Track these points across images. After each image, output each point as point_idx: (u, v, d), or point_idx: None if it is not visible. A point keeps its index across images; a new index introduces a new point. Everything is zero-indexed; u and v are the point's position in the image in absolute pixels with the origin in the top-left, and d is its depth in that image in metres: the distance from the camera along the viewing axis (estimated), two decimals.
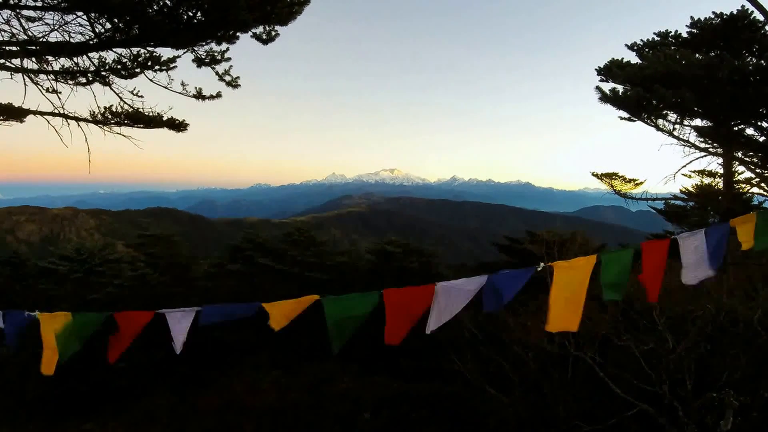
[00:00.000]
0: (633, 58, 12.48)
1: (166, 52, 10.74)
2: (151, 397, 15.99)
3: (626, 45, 13.60)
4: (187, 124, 12.17)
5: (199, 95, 11.68)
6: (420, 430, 12.55)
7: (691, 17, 13.48)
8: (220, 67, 11.13)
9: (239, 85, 11.60)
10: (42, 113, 11.01)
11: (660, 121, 12.65)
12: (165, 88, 11.15)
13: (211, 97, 11.75)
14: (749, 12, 12.41)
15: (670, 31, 13.42)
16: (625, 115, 12.60)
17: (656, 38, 13.47)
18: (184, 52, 10.61)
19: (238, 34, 10.00)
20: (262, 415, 13.42)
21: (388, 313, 4.07)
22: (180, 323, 3.93)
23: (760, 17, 11.26)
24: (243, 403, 14.04)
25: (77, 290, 20.12)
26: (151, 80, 11.02)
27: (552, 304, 4.50)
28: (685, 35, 13.29)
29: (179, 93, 11.44)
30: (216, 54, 10.76)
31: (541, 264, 4.37)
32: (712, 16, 13.03)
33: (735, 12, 12.71)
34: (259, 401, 14.08)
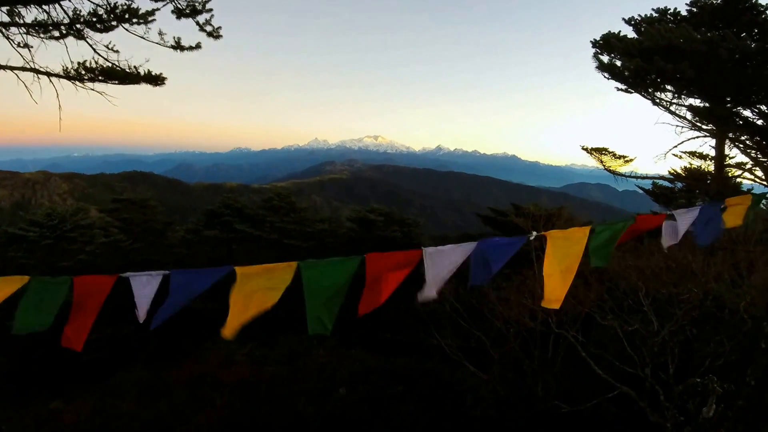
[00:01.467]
0: (630, 33, 12.32)
1: (144, 4, 10.38)
2: (121, 371, 15.83)
3: (623, 19, 13.41)
4: (164, 78, 11.82)
5: (177, 45, 11.33)
6: (396, 406, 12.52)
7: None
8: (201, 18, 10.80)
9: (221, 36, 11.28)
10: (12, 68, 10.60)
11: (658, 95, 12.54)
12: (141, 38, 10.79)
13: (191, 48, 11.42)
14: None
15: (669, 8, 13.24)
16: (622, 86, 12.47)
17: (654, 14, 13.30)
18: (164, 4, 10.26)
19: None
20: (235, 389, 13.34)
21: (368, 280, 3.86)
22: (145, 288, 3.68)
23: (763, 0, 11.09)
24: (216, 376, 13.94)
25: (47, 258, 19.80)
26: (126, 30, 10.66)
27: (547, 278, 4.30)
28: (684, 13, 13.12)
29: (157, 44, 11.08)
30: (197, 4, 10.41)
31: (534, 233, 4.18)
32: None
33: None
34: (232, 375, 14.00)
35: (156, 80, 11.86)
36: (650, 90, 12.26)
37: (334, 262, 3.76)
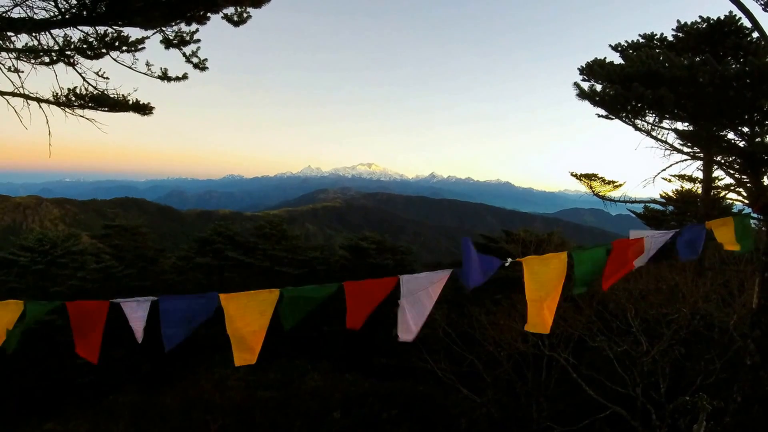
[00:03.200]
0: (617, 59, 12.61)
1: (134, 33, 10.56)
2: (115, 394, 15.78)
3: (610, 45, 13.73)
4: (152, 108, 12.04)
5: (164, 76, 11.53)
6: (391, 429, 12.56)
7: (678, 21, 13.65)
8: (188, 49, 10.99)
9: (207, 68, 11.44)
10: (2, 93, 10.75)
11: (638, 121, 12.79)
12: (129, 68, 10.95)
13: (177, 78, 11.61)
14: (736, 18, 12.58)
15: (656, 34, 13.58)
16: (603, 112, 12.72)
17: (641, 40, 13.62)
18: (153, 33, 10.44)
19: (208, 14, 9.86)
20: (228, 413, 13.33)
21: (348, 303, 4.08)
22: (136, 312, 3.88)
23: (748, 23, 11.41)
24: (210, 400, 13.93)
25: (38, 282, 19.82)
26: (115, 60, 10.82)
27: (530, 303, 4.47)
28: (670, 38, 13.45)
29: (144, 74, 11.27)
30: (185, 35, 10.58)
31: (510, 259, 4.34)
32: (699, 21, 13.21)
33: (722, 17, 12.89)
34: (225, 399, 14.00)
35: (144, 109, 12.07)
36: (630, 116, 12.51)
37: (313, 288, 4.01)
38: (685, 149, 13.57)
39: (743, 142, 12.25)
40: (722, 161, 13.07)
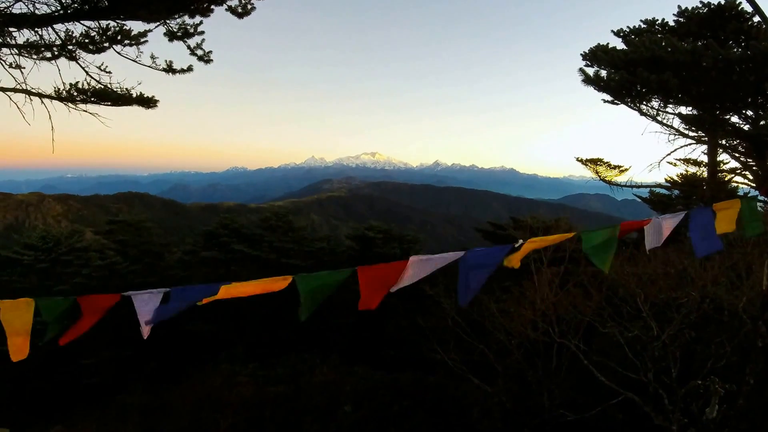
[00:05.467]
0: (619, 45, 12.63)
1: (136, 26, 10.56)
2: (123, 395, 15.88)
3: (612, 31, 13.77)
4: (156, 101, 12.07)
5: (169, 69, 11.54)
6: (403, 421, 12.62)
7: (679, 6, 13.66)
8: (192, 41, 10.99)
9: (211, 60, 11.44)
10: (4, 89, 10.78)
11: (643, 106, 12.81)
12: (134, 61, 10.98)
13: (182, 71, 11.62)
14: (737, 2, 12.58)
15: (657, 20, 13.60)
16: (609, 98, 12.75)
17: (643, 25, 13.63)
18: (157, 26, 10.44)
19: (212, 6, 9.86)
20: (238, 410, 13.39)
21: (361, 285, 4.14)
22: (147, 305, 3.88)
23: (748, 7, 11.39)
24: (218, 398, 13.98)
25: (42, 281, 19.93)
26: (119, 53, 10.84)
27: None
28: (672, 24, 13.46)
29: (148, 67, 11.29)
30: (189, 27, 10.58)
31: (521, 241, 4.38)
32: (700, 6, 13.22)
33: (723, 2, 12.90)
34: (235, 396, 14.05)
35: (148, 102, 12.09)
36: (636, 101, 12.54)
37: (325, 273, 4.07)
38: (690, 133, 13.61)
39: (748, 126, 12.27)
40: (727, 145, 13.09)
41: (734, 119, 12.42)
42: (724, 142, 12.89)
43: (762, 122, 11.73)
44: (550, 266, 12.72)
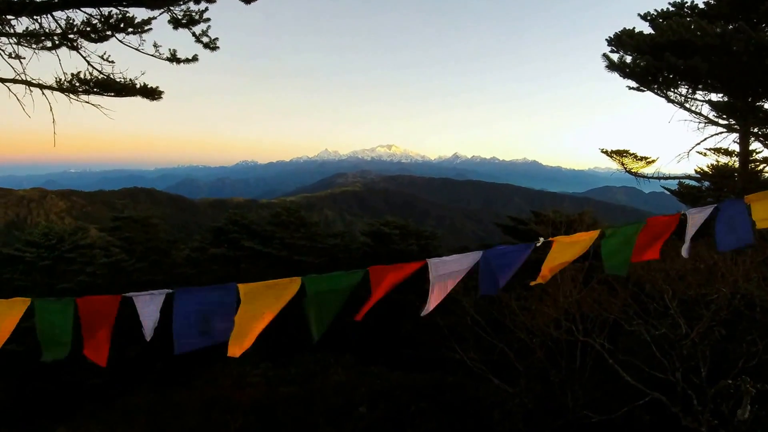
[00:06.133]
0: (646, 29, 12.52)
1: (139, 13, 10.57)
2: (129, 396, 16.02)
3: (639, 15, 13.63)
4: (161, 92, 12.08)
5: (173, 58, 11.58)
6: (420, 423, 12.65)
7: None
8: (198, 28, 10.99)
9: (218, 47, 11.45)
10: (3, 80, 10.84)
11: (670, 93, 12.73)
12: (136, 50, 11.02)
13: (187, 60, 11.66)
14: None
15: (687, 2, 13.45)
16: (634, 84, 12.66)
17: (671, 8, 13.50)
18: (161, 13, 10.43)
19: None
20: (249, 411, 13.48)
21: (373, 290, 4.11)
22: (149, 306, 3.88)
23: None
24: (229, 399, 14.07)
25: (45, 279, 20.08)
26: (121, 42, 10.87)
27: (548, 263, 4.56)
28: (701, 6, 13.33)
29: (152, 56, 11.31)
30: (194, 14, 10.59)
31: (541, 239, 4.40)
32: None
33: None
34: (246, 397, 14.14)
35: (152, 93, 12.11)
36: (662, 88, 12.45)
37: (336, 275, 4.04)
38: (721, 121, 13.50)
39: None
40: (760, 133, 12.97)
41: (767, 106, 12.31)
42: (756, 129, 12.77)
43: None
44: (573, 262, 12.66)
